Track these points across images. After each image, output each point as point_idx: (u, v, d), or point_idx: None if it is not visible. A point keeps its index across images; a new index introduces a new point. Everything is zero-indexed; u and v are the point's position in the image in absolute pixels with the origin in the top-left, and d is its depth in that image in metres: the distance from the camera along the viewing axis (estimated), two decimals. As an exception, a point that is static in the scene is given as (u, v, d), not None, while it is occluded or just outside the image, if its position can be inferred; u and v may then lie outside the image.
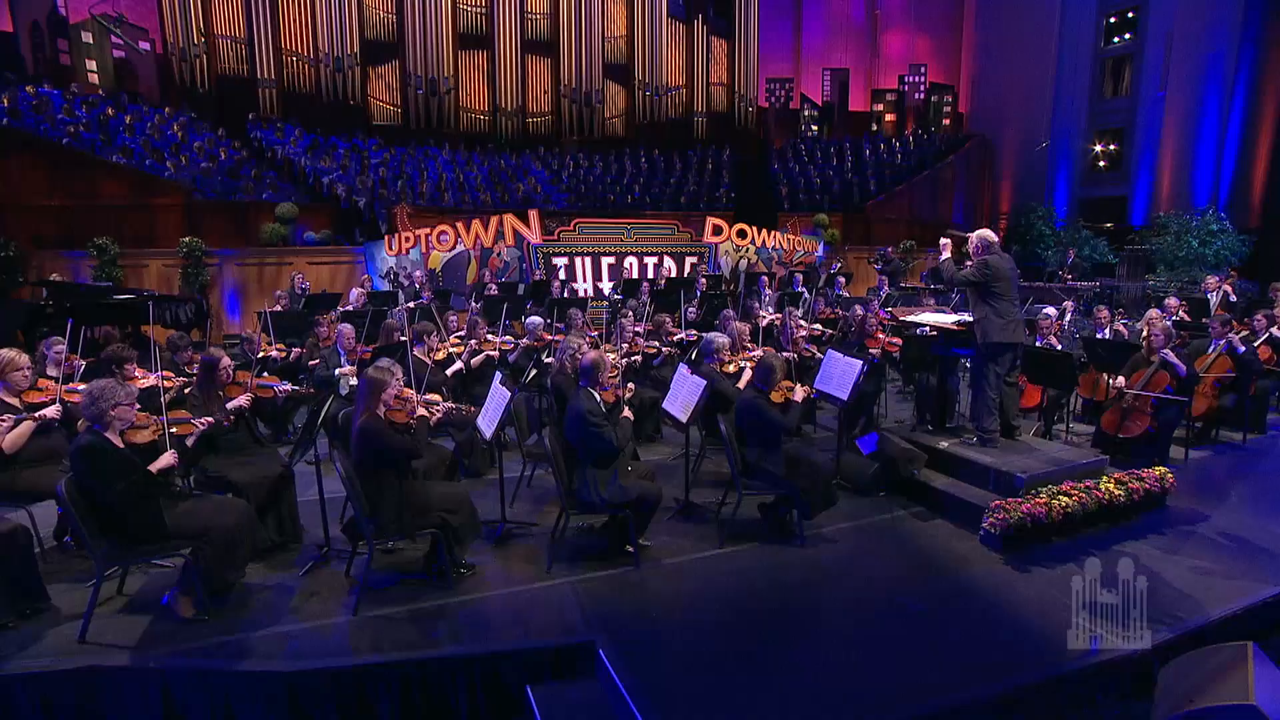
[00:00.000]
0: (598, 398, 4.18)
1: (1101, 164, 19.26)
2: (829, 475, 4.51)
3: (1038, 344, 6.48)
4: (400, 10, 19.21)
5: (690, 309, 9.11)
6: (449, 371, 6.01)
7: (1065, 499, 4.51)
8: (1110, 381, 6.29)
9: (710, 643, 3.48)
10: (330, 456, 3.94)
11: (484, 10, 20.16)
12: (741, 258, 13.59)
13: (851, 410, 6.26)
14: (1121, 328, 7.53)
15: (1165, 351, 5.64)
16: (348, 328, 6.50)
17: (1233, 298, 9.15)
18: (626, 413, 4.27)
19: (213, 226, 11.55)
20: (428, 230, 11.41)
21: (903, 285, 12.66)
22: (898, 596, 3.88)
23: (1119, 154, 18.91)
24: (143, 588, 3.86)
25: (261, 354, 6.21)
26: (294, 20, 18.09)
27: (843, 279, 12.17)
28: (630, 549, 4.30)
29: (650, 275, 12.33)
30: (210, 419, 3.72)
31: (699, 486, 5.32)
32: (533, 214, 11.95)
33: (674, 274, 12.62)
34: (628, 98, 21.96)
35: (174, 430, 3.59)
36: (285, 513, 4.37)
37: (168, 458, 3.43)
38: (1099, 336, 7.18)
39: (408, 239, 11.26)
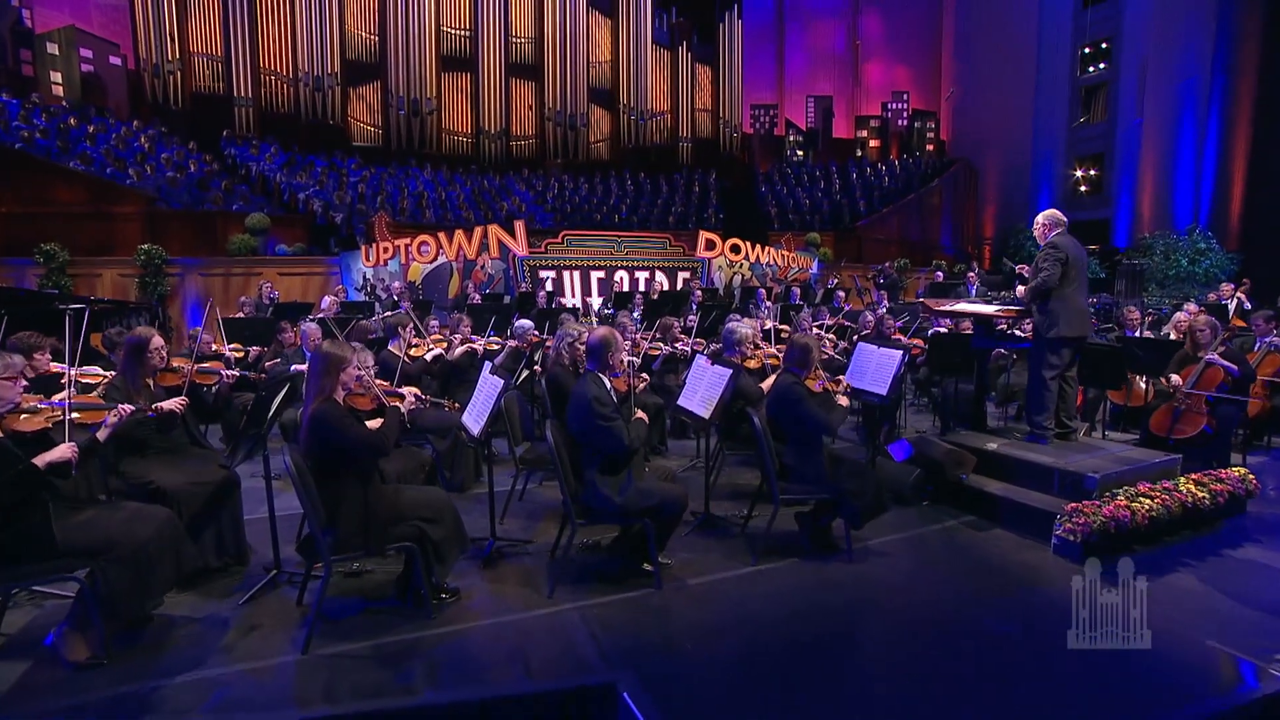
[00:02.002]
0: (607, 384, 3.45)
1: (1083, 188, 19.29)
2: (878, 478, 3.80)
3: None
4: (383, 32, 18.81)
5: (690, 319, 8.48)
6: (428, 357, 5.22)
7: (1147, 501, 3.86)
8: (1147, 384, 5.74)
9: (757, 681, 2.71)
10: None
11: (468, 33, 19.85)
12: (735, 273, 13.05)
13: (874, 417, 5.62)
14: (1149, 332, 7.03)
15: (1211, 355, 5.08)
16: (313, 327, 5.74)
17: (1247, 305, 8.76)
18: (640, 415, 3.54)
19: (177, 236, 10.72)
20: (408, 240, 10.69)
21: (901, 301, 12.18)
22: (984, 619, 3.16)
23: (1099, 178, 18.95)
24: (30, 623, 3.00)
25: (214, 349, 5.39)
26: (273, 40, 17.56)
27: (842, 293, 11.66)
28: (648, 567, 3.54)
29: (642, 289, 11.71)
30: (129, 407, 2.92)
31: (717, 499, 4.58)
32: (519, 225, 11.32)
33: (666, 289, 12.03)
34: (612, 122, 21.69)
35: (76, 417, 2.79)
36: (226, 528, 3.54)
37: (62, 450, 2.62)
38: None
39: (386, 249, 10.52)
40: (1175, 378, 5.27)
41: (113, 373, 3.73)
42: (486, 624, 3.07)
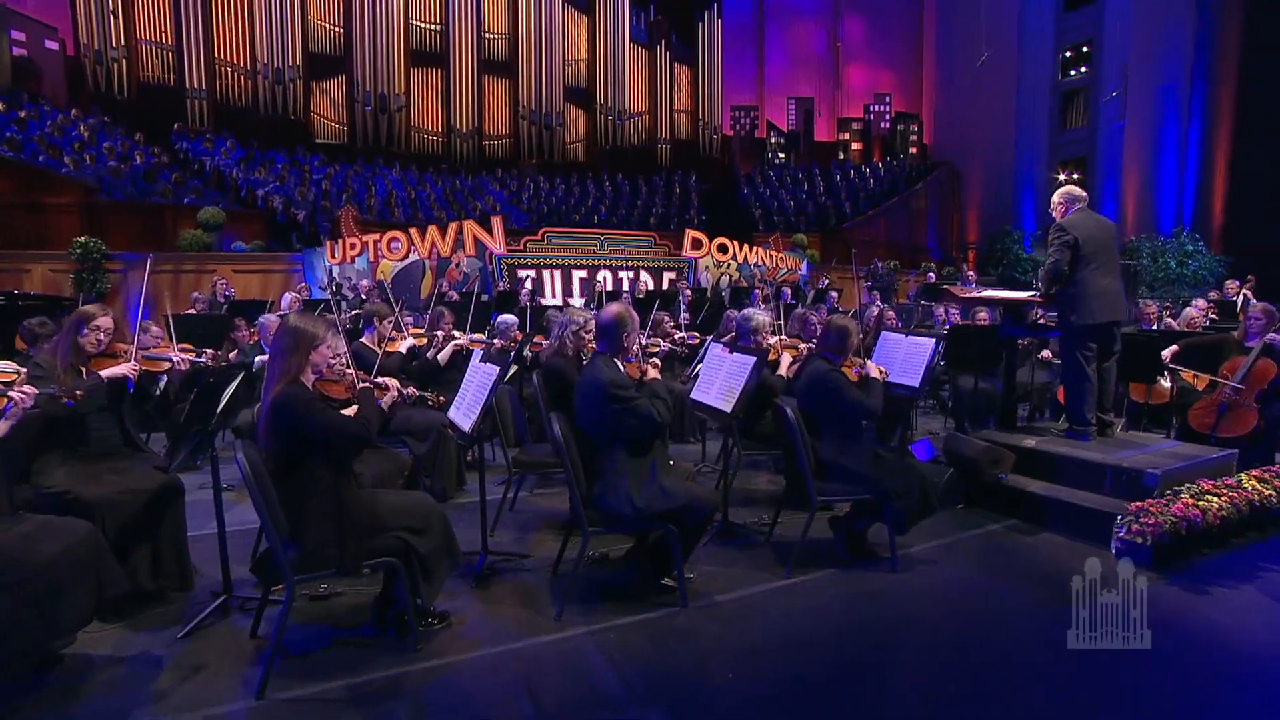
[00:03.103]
0: (621, 368, 3.03)
1: (1066, 192, 19.49)
2: (924, 476, 3.44)
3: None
4: (347, 24, 18.25)
5: (683, 316, 8.12)
6: (403, 349, 4.73)
7: (1215, 499, 3.56)
8: (1171, 381, 5.51)
9: (808, 713, 2.30)
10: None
11: (438, 28, 19.39)
12: (723, 274, 12.75)
13: (888, 417, 5.28)
14: (1171, 320, 6.85)
15: (1272, 335, 4.85)
16: (272, 318, 5.22)
17: (1253, 302, 8.69)
18: (653, 374, 3.10)
19: (120, 230, 10.00)
20: (377, 236, 10.16)
21: (895, 302, 12.00)
22: (1051, 632, 2.79)
23: (1082, 183, 19.15)
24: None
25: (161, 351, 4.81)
26: (229, 29, 16.87)
27: (835, 293, 11.42)
28: (669, 582, 3.12)
29: (626, 289, 11.32)
30: (31, 390, 2.39)
31: (732, 505, 4.17)
32: (496, 221, 10.86)
33: (651, 289, 11.65)
34: (589, 122, 21.38)
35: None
36: (165, 546, 3.02)
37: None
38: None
39: (353, 245, 9.96)
40: (1226, 372, 5.03)
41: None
42: (484, 654, 2.60)
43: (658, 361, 3.50)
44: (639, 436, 2.92)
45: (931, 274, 12.83)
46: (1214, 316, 7.93)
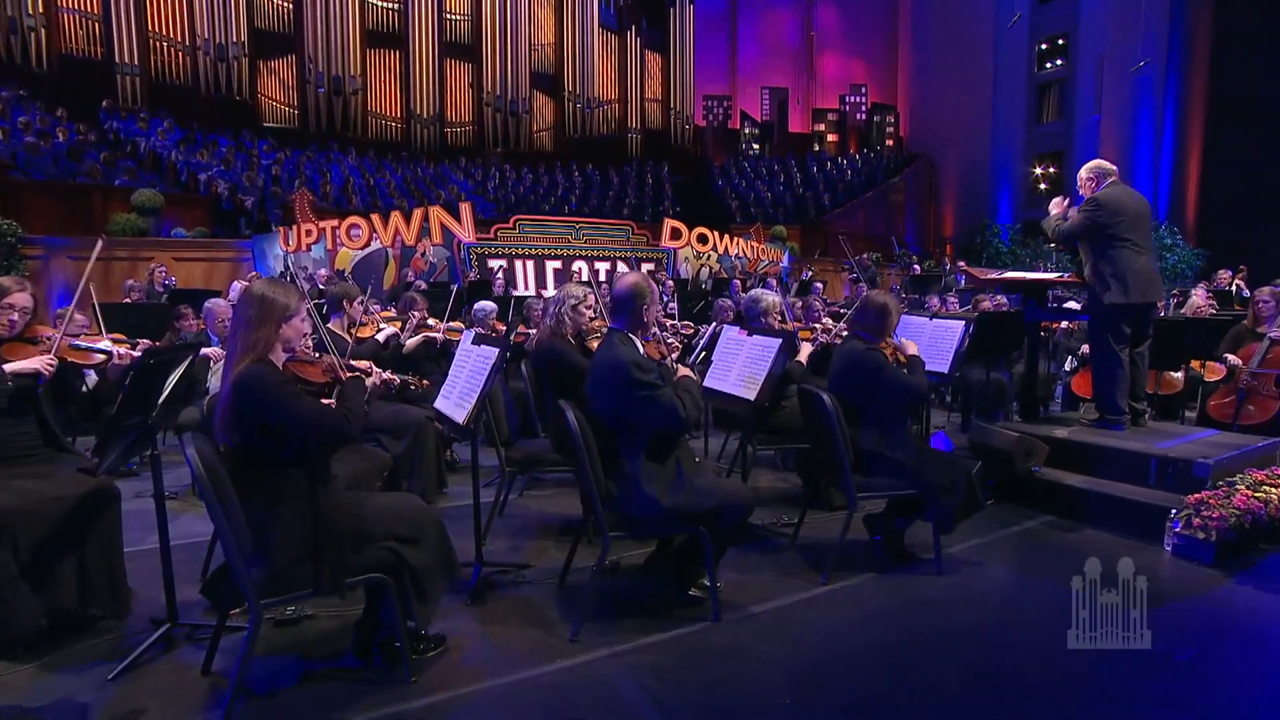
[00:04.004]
0: (640, 347, 2.69)
1: (1042, 186, 19.84)
2: (969, 469, 3.19)
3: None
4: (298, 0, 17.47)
5: (671, 307, 7.83)
6: (380, 337, 4.32)
7: (1274, 490, 3.39)
8: (1183, 370, 5.43)
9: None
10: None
11: (396, 7, 18.75)
12: (703, 265, 12.50)
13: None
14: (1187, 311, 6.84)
15: (1277, 331, 4.77)
16: (221, 303, 4.73)
17: (1246, 292, 8.80)
18: (684, 371, 2.79)
19: (40, 211, 9.23)
20: (335, 223, 9.60)
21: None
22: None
23: (1058, 177, 19.53)
24: None
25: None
26: (164, 1, 15.91)
27: (820, 284, 11.28)
28: (697, 593, 2.80)
29: (602, 280, 10.96)
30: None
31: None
32: (464, 207, 10.40)
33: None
34: (557, 110, 20.95)
35: None
36: (94, 565, 2.57)
37: None
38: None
39: (309, 232, 9.40)
40: (1232, 358, 4.94)
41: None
42: (493, 686, 2.24)
43: (676, 344, 3.18)
44: (660, 431, 2.59)
45: (916, 266, 12.80)
46: (1214, 306, 7.97)
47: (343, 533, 2.08)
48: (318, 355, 2.32)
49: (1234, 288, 8.69)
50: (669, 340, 3.65)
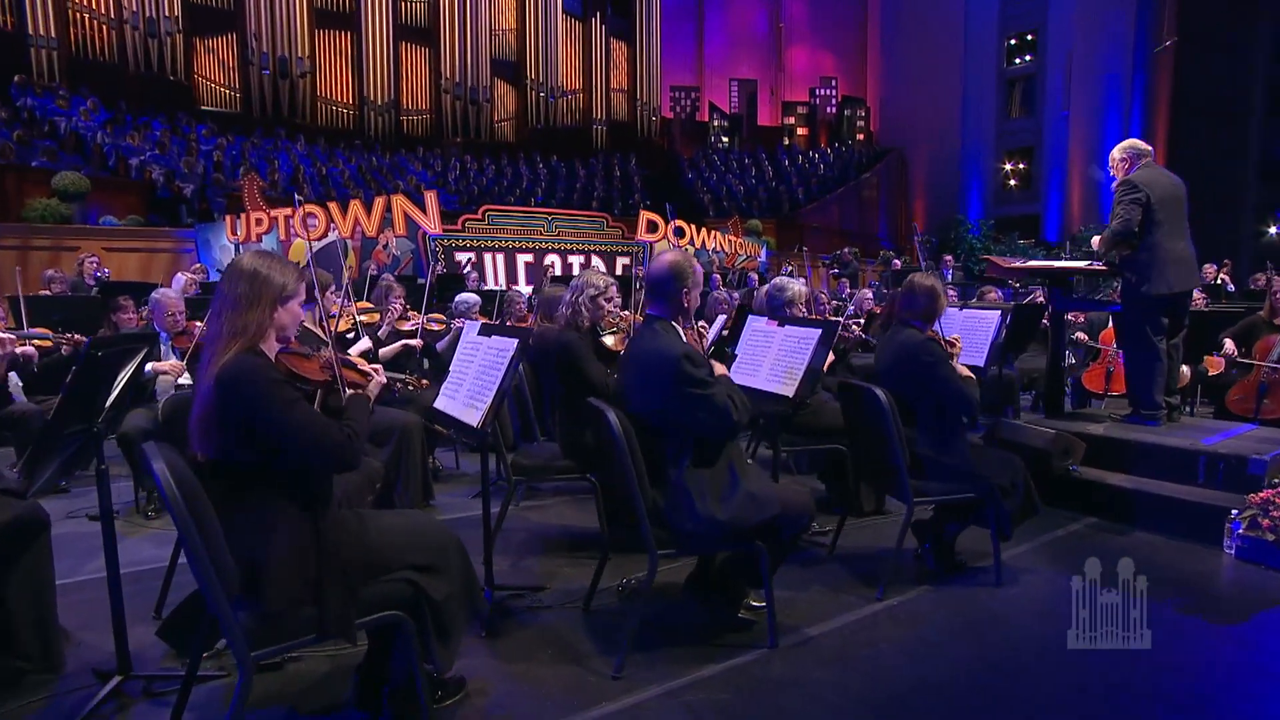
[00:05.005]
0: (683, 336, 2.40)
1: (1012, 182, 20.23)
2: (1024, 467, 2.99)
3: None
4: (238, -28, 16.62)
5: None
6: (355, 350, 3.93)
7: (1332, 486, 3.28)
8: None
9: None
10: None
11: (348, -15, 18.03)
12: (680, 260, 12.26)
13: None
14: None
15: None
16: (170, 294, 4.26)
17: (1230, 286, 8.99)
18: (720, 369, 2.51)
19: (-59, 195, 8.44)
20: (289, 212, 9.03)
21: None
22: (1229, 654, 2.38)
23: (1028, 173, 19.95)
24: None
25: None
26: (85, -31, 14.89)
27: (803, 279, 11.14)
28: (747, 615, 2.53)
29: (576, 274, 10.64)
30: None
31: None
32: (430, 196, 9.94)
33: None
34: (519, 99, 20.49)
35: None
36: (20, 606, 2.16)
37: None
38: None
39: (260, 221, 8.82)
40: (1230, 345, 4.92)
41: None
42: (531, 739, 1.92)
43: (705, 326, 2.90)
44: (708, 435, 2.31)
45: (897, 260, 12.82)
46: (1205, 300, 8.07)
47: (351, 563, 1.74)
48: (314, 349, 1.97)
49: (1219, 280, 8.83)
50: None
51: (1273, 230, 18.13)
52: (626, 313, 3.68)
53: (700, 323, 6.24)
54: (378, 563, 1.81)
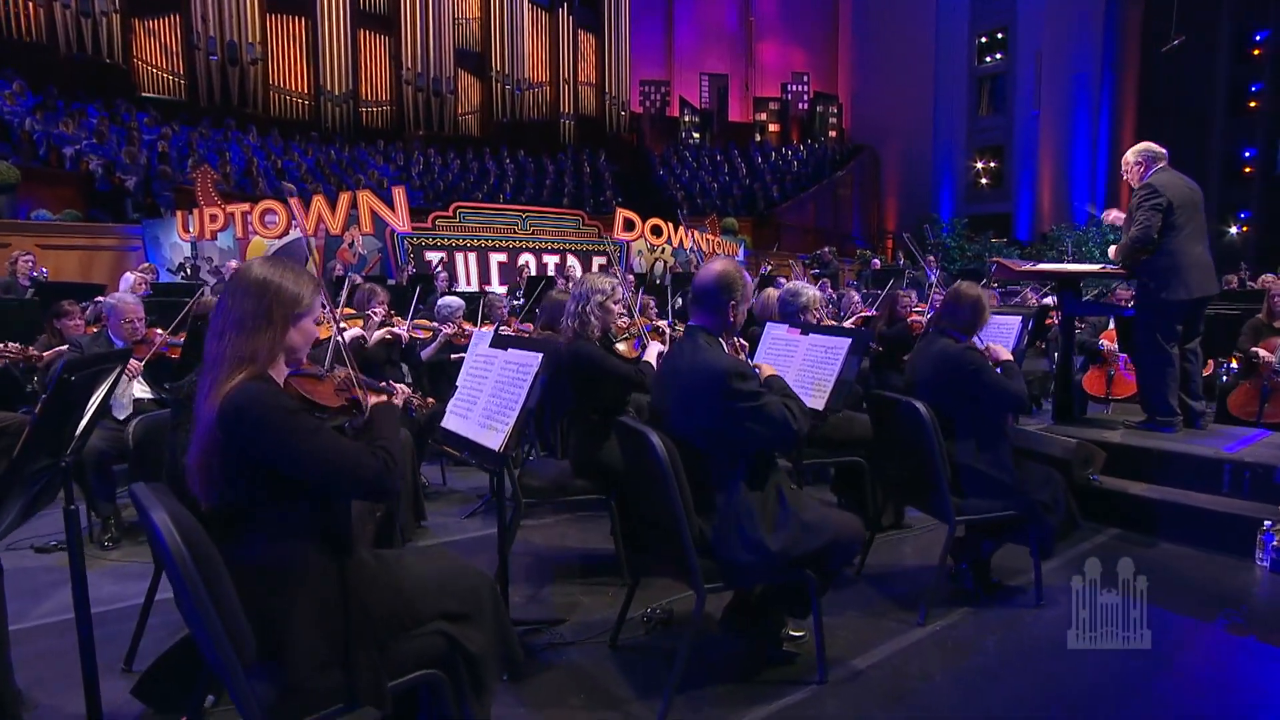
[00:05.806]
0: (727, 350, 2.26)
1: (984, 181, 20.61)
2: (1065, 482, 2.93)
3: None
4: (182, -49, 15.90)
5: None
6: (346, 338, 3.68)
7: (1360, 494, 3.31)
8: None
9: None
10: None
11: (301, -33, 17.43)
12: (657, 259, 12.14)
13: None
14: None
15: None
16: (128, 299, 3.95)
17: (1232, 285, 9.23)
18: (769, 370, 2.38)
19: None
20: (246, 208, 8.63)
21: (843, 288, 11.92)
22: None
23: (999, 171, 20.35)
24: None
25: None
26: (9, -58, 14.05)
27: (782, 280, 11.11)
28: (789, 647, 2.40)
29: (552, 274, 10.41)
30: None
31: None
32: (398, 192, 9.61)
33: (581, 274, 10.83)
34: (483, 92, 20.10)
35: None
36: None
37: None
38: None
39: (214, 217, 8.39)
40: (1264, 353, 4.97)
41: None
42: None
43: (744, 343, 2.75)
44: (765, 450, 2.17)
45: (876, 260, 12.90)
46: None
47: (382, 619, 1.54)
48: (326, 369, 1.76)
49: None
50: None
51: (1233, 230, 18.81)
52: (632, 318, 3.53)
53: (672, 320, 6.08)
54: (407, 614, 1.62)
